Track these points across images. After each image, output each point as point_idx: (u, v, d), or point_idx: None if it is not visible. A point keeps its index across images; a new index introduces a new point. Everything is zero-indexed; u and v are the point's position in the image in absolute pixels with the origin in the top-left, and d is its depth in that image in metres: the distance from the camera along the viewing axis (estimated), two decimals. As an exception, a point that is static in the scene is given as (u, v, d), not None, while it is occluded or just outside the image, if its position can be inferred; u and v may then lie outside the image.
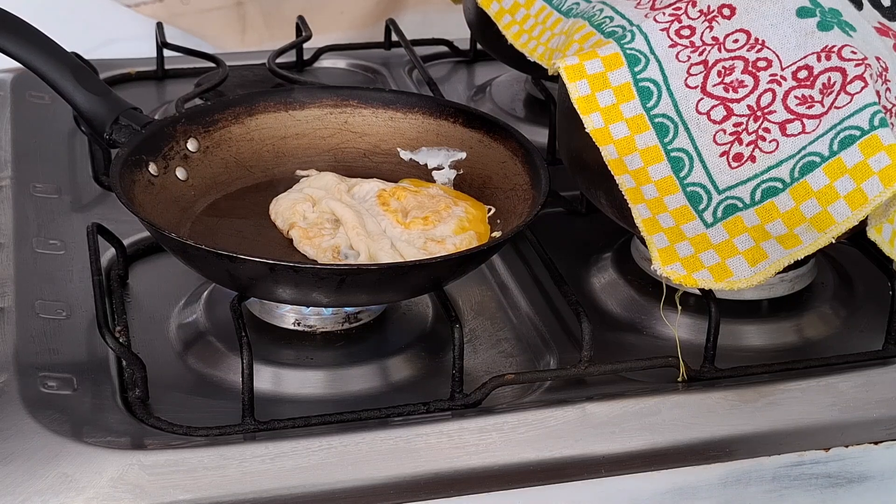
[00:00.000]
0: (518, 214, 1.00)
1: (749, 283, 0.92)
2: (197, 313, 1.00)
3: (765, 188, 0.93)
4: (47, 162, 1.21)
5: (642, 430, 0.90)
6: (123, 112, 1.03)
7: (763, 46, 0.95)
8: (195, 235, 0.98)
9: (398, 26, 1.46)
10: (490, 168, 1.06)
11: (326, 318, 0.98)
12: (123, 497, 0.82)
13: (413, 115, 1.10)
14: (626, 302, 1.05)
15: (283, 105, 1.10)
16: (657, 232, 0.94)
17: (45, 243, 1.08)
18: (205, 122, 1.06)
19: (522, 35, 1.15)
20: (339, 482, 0.85)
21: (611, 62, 0.97)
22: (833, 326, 1.04)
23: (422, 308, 1.02)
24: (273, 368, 0.95)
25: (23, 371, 0.93)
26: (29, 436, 0.86)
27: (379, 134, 1.10)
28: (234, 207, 1.04)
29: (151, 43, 1.42)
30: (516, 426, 0.90)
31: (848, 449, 0.93)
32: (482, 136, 1.07)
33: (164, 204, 0.99)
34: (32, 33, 1.04)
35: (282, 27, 1.69)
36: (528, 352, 1.00)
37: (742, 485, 0.91)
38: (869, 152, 0.89)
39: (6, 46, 1.02)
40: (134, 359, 0.92)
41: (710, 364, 0.96)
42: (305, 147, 1.10)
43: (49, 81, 1.03)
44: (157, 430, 0.89)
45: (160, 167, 1.02)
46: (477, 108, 1.13)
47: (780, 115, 0.93)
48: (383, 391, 0.95)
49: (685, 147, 0.96)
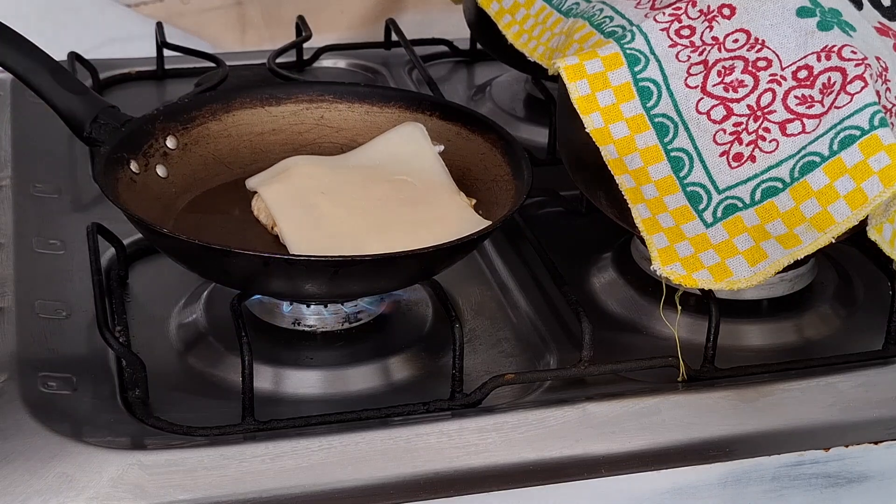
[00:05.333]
0: (502, 205, 1.01)
1: (749, 283, 0.92)
2: (197, 313, 1.00)
3: (765, 188, 0.93)
4: (47, 162, 1.21)
5: (642, 430, 0.90)
6: (102, 110, 1.03)
7: (763, 46, 0.95)
8: (179, 232, 0.99)
9: (398, 26, 1.46)
10: (469, 160, 1.06)
11: (326, 318, 0.98)
12: (123, 497, 0.82)
13: (389, 110, 1.10)
14: (626, 302, 1.05)
15: (260, 101, 1.10)
16: (657, 232, 0.94)
17: (45, 243, 1.08)
18: (182, 119, 1.07)
19: (522, 35, 1.15)
20: (339, 482, 0.85)
21: (611, 62, 0.97)
22: (833, 326, 1.04)
23: (422, 308, 1.02)
24: (273, 368, 0.95)
25: (23, 371, 0.93)
26: (29, 436, 0.86)
27: (355, 128, 1.11)
28: (216, 203, 1.05)
29: (151, 43, 1.42)
30: (516, 426, 0.90)
31: (848, 449, 0.93)
32: (460, 128, 1.08)
33: (147, 202, 1.00)
34: (8, 33, 1.03)
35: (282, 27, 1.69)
36: (528, 352, 1.00)
37: (742, 485, 0.91)
38: (869, 152, 0.89)
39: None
40: (134, 359, 0.92)
41: (710, 364, 0.96)
42: (283, 143, 1.10)
43: (26, 81, 1.03)
44: (157, 429, 0.89)
45: (141, 165, 1.02)
46: (454, 102, 1.13)
47: (780, 115, 0.93)
48: (383, 391, 0.95)
49: (685, 147, 0.96)
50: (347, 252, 0.91)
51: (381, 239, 0.96)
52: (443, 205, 1.02)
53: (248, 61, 1.41)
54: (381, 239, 0.96)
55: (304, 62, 1.44)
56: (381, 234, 0.98)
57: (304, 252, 0.95)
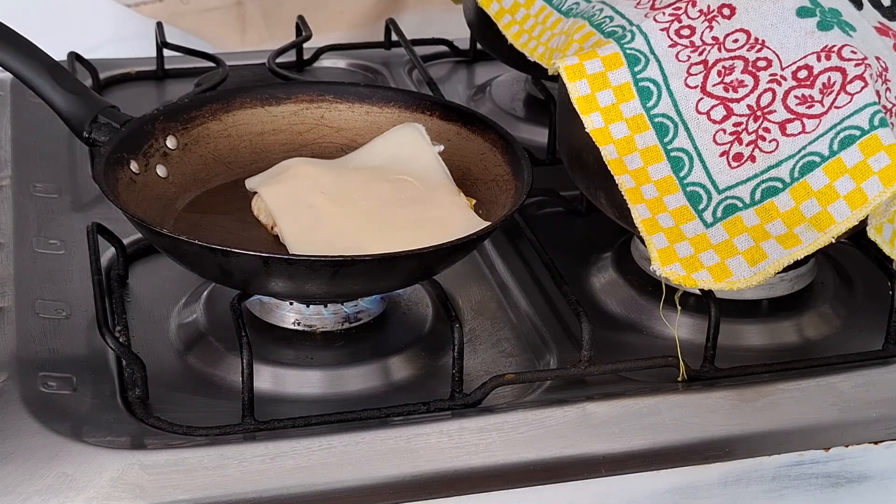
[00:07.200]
0: (502, 205, 1.01)
1: (749, 283, 0.92)
2: (197, 313, 1.00)
3: (765, 188, 0.93)
4: (47, 162, 1.21)
5: (642, 430, 0.90)
6: (102, 110, 1.03)
7: (763, 46, 0.95)
8: (179, 232, 0.99)
9: (398, 26, 1.46)
10: (469, 160, 1.06)
11: (326, 317, 0.98)
12: (123, 497, 0.82)
13: (389, 109, 1.10)
14: (626, 302, 1.05)
15: (260, 101, 1.10)
16: (657, 232, 0.94)
17: (45, 243, 1.08)
18: (182, 119, 1.07)
19: (522, 35, 1.15)
20: (339, 482, 0.85)
21: (611, 62, 0.97)
22: (833, 326, 1.04)
23: (422, 308, 1.02)
24: (273, 368, 0.95)
25: (23, 371, 0.93)
26: (29, 436, 0.86)
27: (355, 128, 1.11)
28: (216, 203, 1.05)
29: (151, 43, 1.42)
30: (516, 426, 0.90)
31: (848, 449, 0.93)
32: (459, 128, 1.08)
33: (147, 201, 1.00)
34: (8, 33, 1.03)
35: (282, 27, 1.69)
36: (528, 352, 1.00)
37: (742, 485, 0.91)
38: (869, 152, 0.89)
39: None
40: (134, 358, 0.92)
41: (710, 364, 0.96)
42: (283, 143, 1.10)
43: (26, 81, 1.03)
44: (157, 429, 0.89)
45: (141, 165, 1.02)
46: (454, 102, 1.13)
47: (780, 115, 0.93)
48: (383, 391, 0.95)
49: (685, 147, 0.96)
50: (347, 252, 0.91)
51: (381, 239, 0.96)
52: (443, 205, 1.02)
53: (248, 61, 1.41)
54: (381, 239, 0.96)
55: (304, 62, 1.44)
56: (381, 234, 0.98)
57: (304, 252, 0.95)
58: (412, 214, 1.01)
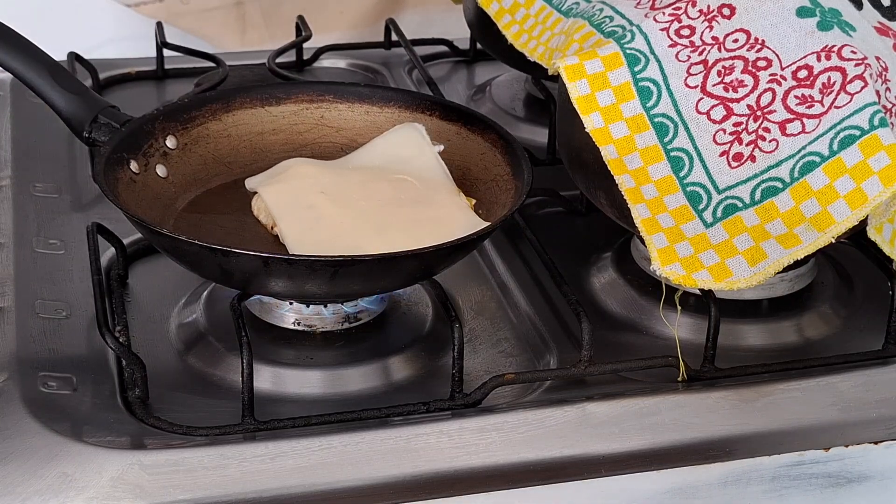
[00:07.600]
0: (502, 205, 1.01)
1: (749, 283, 0.92)
2: (197, 313, 1.00)
3: (765, 188, 0.93)
4: (47, 162, 1.21)
5: (642, 430, 0.90)
6: (102, 110, 1.03)
7: (763, 46, 0.95)
8: (179, 232, 0.99)
9: (398, 26, 1.46)
10: (469, 160, 1.06)
11: (327, 317, 0.98)
12: (123, 497, 0.82)
13: (389, 109, 1.11)
14: (626, 302, 1.05)
15: (260, 101, 1.10)
16: (657, 232, 0.94)
17: (45, 243, 1.08)
18: (182, 119, 1.07)
19: (522, 35, 1.15)
20: (339, 482, 0.85)
21: (611, 62, 0.97)
22: (833, 326, 1.04)
23: (422, 308, 1.02)
24: (273, 368, 0.95)
25: (23, 371, 0.93)
26: (29, 436, 0.86)
27: (355, 128, 1.11)
28: (215, 203, 1.05)
29: (151, 43, 1.42)
30: (516, 426, 0.90)
31: (848, 449, 0.93)
32: (459, 128, 1.08)
33: (146, 201, 1.00)
34: (8, 33, 1.03)
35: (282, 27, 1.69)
36: (528, 352, 1.00)
37: (742, 485, 0.91)
38: (869, 152, 0.89)
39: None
40: (134, 359, 0.92)
41: (710, 364, 0.96)
42: (283, 143, 1.10)
43: (26, 81, 1.03)
44: (157, 429, 0.89)
45: (141, 165, 1.02)
46: (454, 102, 1.13)
47: (780, 115, 0.93)
48: (383, 391, 0.95)
49: (685, 147, 0.96)
50: (347, 252, 0.91)
51: (381, 239, 0.96)
52: (443, 205, 1.02)
53: (248, 61, 1.41)
54: (381, 239, 0.96)
55: (304, 62, 1.44)
56: (381, 234, 0.98)
57: (304, 252, 0.95)
58: (412, 214, 1.01)
